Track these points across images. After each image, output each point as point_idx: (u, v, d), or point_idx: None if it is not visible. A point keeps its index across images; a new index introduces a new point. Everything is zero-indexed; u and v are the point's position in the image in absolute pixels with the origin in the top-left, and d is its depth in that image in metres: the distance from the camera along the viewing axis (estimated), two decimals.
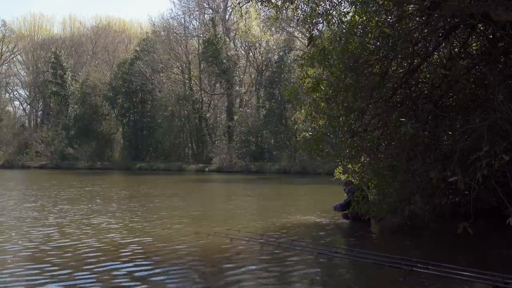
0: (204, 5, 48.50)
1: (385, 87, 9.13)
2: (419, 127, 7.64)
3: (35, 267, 6.67)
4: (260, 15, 33.32)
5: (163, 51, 47.93)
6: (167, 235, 9.06)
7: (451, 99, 9.36)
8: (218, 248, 7.74)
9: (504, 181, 7.05)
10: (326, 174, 13.56)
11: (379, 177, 9.49)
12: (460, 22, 7.98)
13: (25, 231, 9.58)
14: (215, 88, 48.20)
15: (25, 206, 14.05)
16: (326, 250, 7.20)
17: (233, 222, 10.52)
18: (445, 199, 9.61)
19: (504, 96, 7.61)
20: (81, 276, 6.18)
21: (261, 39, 43.98)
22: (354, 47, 8.75)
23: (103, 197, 16.83)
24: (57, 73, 54.75)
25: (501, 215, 7.27)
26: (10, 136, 58.37)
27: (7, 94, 67.06)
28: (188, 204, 15.06)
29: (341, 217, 10.47)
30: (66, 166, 48.42)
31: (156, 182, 26.76)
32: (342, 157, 10.44)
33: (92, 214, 12.04)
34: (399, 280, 5.67)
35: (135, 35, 61.66)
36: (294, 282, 5.91)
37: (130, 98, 50.11)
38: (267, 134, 41.80)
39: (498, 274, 5.09)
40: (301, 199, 16.98)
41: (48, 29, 67.50)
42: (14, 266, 6.76)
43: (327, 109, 9.77)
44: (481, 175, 6.22)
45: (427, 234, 9.32)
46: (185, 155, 49.26)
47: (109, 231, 9.49)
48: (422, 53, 8.93)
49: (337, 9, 9.59)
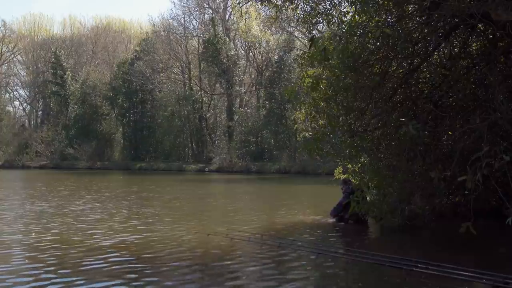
0: (204, 5, 48.51)
1: (385, 87, 9.13)
2: (420, 127, 7.63)
3: (28, 267, 6.67)
4: (260, 15, 33.26)
5: (163, 51, 47.95)
6: (167, 235, 9.05)
7: (451, 99, 9.36)
8: (218, 248, 7.74)
9: (504, 181, 7.05)
10: (326, 174, 13.53)
11: (379, 177, 9.49)
12: (460, 22, 7.98)
13: (21, 226, 9.59)
14: (215, 88, 48.19)
15: (23, 207, 14.05)
16: (326, 250, 7.20)
17: (233, 222, 10.53)
18: (445, 199, 9.62)
19: (504, 96, 7.60)
20: (80, 276, 6.18)
21: (261, 39, 43.98)
22: (354, 47, 8.75)
23: (103, 197, 16.81)
24: (57, 73, 54.73)
25: (501, 215, 7.26)
26: (10, 136, 58.35)
27: (7, 94, 67.12)
28: (188, 203, 15.05)
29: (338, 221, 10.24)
30: (66, 166, 48.38)
31: (156, 182, 26.76)
32: (342, 157, 10.44)
33: (91, 213, 12.04)
34: (399, 280, 5.67)
35: (135, 35, 61.66)
36: (294, 282, 5.90)
37: (130, 98, 50.10)
38: (267, 134, 41.79)
39: (498, 274, 5.09)
40: (301, 199, 16.98)
41: (48, 29, 67.54)
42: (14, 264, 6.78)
43: (327, 109, 9.77)
44: (481, 175, 6.21)
45: (427, 234, 9.32)
46: (185, 155, 49.25)
47: (108, 231, 9.48)
48: (422, 53, 8.93)
49: (337, 9, 9.59)
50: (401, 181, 9.05)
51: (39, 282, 5.96)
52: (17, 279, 6.07)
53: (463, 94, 8.60)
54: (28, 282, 5.94)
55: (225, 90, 44.99)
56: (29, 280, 6.02)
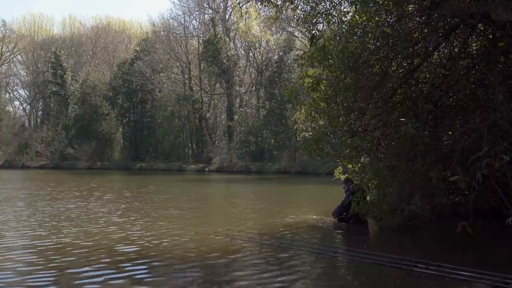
0: (204, 5, 48.49)
1: (385, 87, 9.13)
2: (420, 127, 7.63)
3: (28, 265, 6.67)
4: (260, 15, 33.24)
5: (163, 51, 47.94)
6: (167, 235, 9.05)
7: (451, 99, 9.36)
8: (218, 248, 7.75)
9: (504, 181, 7.05)
10: (326, 174, 13.55)
11: (379, 177, 9.49)
12: (460, 22, 7.98)
13: (18, 228, 9.60)
14: (215, 88, 48.18)
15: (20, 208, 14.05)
16: (326, 250, 7.20)
17: (233, 222, 10.53)
18: (445, 199, 9.62)
19: (504, 96, 7.60)
20: (79, 276, 6.18)
21: (261, 39, 43.96)
22: (354, 47, 8.75)
23: (102, 197, 16.82)
24: (57, 73, 54.74)
25: (501, 215, 7.26)
26: (10, 136, 58.35)
27: (7, 94, 67.10)
28: (188, 204, 15.05)
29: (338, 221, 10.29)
30: (66, 166, 48.37)
31: (155, 182, 26.75)
32: (342, 157, 10.44)
33: (91, 213, 12.04)
34: (399, 280, 5.68)
35: (135, 35, 61.65)
36: (294, 282, 5.90)
37: (130, 98, 50.09)
38: (267, 134, 41.78)
39: (498, 274, 5.10)
40: (301, 199, 16.98)
41: (48, 29, 67.53)
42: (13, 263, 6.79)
43: (327, 109, 9.77)
44: (481, 175, 6.21)
45: (427, 234, 9.32)
46: (185, 155, 49.25)
47: (108, 230, 9.49)
48: (422, 53, 8.93)
49: (337, 9, 9.59)
50: (401, 181, 9.05)
51: (32, 283, 5.97)
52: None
53: (463, 94, 8.60)
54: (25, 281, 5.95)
55: (225, 90, 44.99)
56: (27, 280, 6.03)
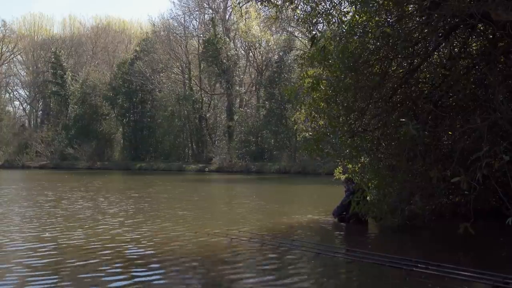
0: (204, 5, 48.49)
1: (385, 87, 9.13)
2: (420, 127, 7.64)
3: (28, 270, 6.68)
4: (260, 15, 33.25)
5: (163, 51, 47.94)
6: (167, 235, 9.05)
7: (451, 99, 9.36)
8: (218, 248, 7.75)
9: (504, 181, 7.05)
10: (326, 174, 13.54)
11: (379, 177, 9.49)
12: (460, 22, 7.98)
13: (20, 230, 9.61)
14: (215, 88, 48.19)
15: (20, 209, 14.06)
16: (326, 250, 7.21)
17: (234, 222, 10.53)
18: (445, 199, 9.62)
19: (504, 96, 7.61)
20: (79, 276, 6.18)
21: (261, 39, 43.99)
22: (354, 47, 8.75)
23: (102, 196, 16.81)
24: (57, 73, 54.75)
25: (501, 215, 7.27)
26: (10, 136, 58.35)
27: (7, 94, 67.10)
28: (188, 204, 15.04)
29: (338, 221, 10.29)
30: (66, 166, 48.37)
31: (155, 182, 26.75)
32: (342, 157, 10.43)
33: (90, 213, 12.04)
34: (399, 280, 5.68)
35: (135, 35, 61.63)
36: (294, 282, 5.90)
37: (130, 98, 50.11)
38: (267, 134, 41.79)
39: (498, 274, 5.10)
40: (301, 199, 16.98)
41: (48, 29, 67.50)
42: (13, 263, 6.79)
43: (327, 109, 9.76)
44: (481, 175, 6.21)
45: (427, 234, 9.32)
46: (185, 155, 49.26)
47: (108, 230, 9.48)
48: (422, 53, 8.93)
49: (337, 9, 9.59)
50: (401, 181, 9.05)
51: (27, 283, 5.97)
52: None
53: (463, 94, 8.60)
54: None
55: (225, 90, 44.99)
56: (22, 281, 6.03)
